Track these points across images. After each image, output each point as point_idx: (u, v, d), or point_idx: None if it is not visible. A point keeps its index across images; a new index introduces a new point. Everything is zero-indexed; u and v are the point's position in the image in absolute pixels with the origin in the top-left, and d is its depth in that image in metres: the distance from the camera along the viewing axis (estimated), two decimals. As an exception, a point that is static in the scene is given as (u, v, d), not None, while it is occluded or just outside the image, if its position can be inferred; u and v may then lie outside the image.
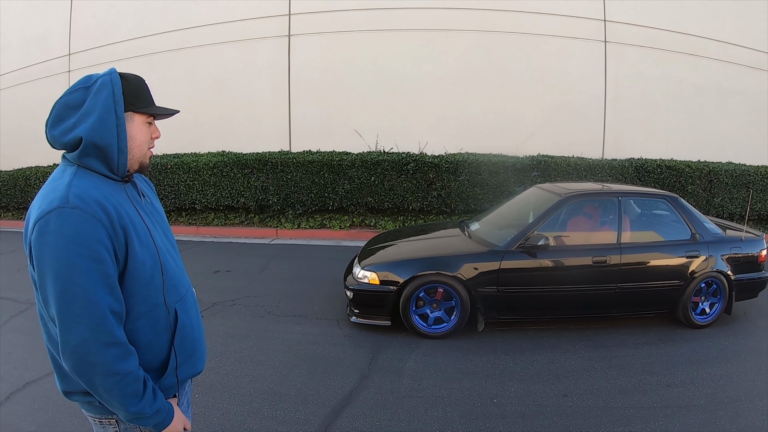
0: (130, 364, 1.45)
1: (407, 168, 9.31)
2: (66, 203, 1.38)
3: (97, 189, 1.46)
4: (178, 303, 1.65)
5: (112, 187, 1.53)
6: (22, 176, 11.35)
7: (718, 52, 10.97)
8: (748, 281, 5.28)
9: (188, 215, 10.09)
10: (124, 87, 1.51)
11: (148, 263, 1.54)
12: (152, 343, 1.58)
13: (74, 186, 1.43)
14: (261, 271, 7.00)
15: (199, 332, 1.76)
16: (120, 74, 1.53)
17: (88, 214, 1.38)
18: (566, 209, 5.19)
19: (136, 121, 1.56)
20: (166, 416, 1.57)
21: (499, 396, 3.79)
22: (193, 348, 1.70)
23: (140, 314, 1.53)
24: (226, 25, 11.12)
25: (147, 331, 1.55)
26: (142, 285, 1.52)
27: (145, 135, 1.61)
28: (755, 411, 3.61)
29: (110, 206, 1.45)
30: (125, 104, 1.51)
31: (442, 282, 4.73)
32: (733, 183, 9.65)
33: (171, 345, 1.62)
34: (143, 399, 1.48)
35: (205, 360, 1.83)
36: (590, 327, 5.11)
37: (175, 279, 1.66)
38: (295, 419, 3.44)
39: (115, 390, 1.43)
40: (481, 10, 10.62)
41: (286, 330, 4.93)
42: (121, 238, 1.46)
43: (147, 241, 1.56)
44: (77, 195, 1.40)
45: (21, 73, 12.35)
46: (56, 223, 1.36)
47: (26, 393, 3.73)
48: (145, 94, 1.58)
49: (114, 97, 1.48)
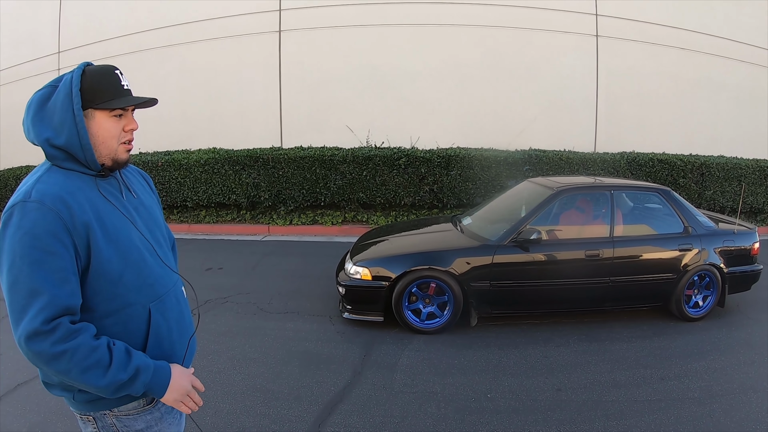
0: (78, 339, 1.38)
1: (399, 163, 9.27)
2: (28, 197, 1.39)
3: (64, 185, 1.45)
4: (154, 303, 1.59)
5: (85, 183, 1.51)
6: (13, 176, 11.22)
7: (710, 46, 11.00)
8: (740, 274, 5.28)
9: (180, 212, 10.03)
10: (83, 83, 1.48)
11: (114, 261, 1.49)
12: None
13: (41, 182, 1.44)
14: (253, 268, 6.97)
15: (181, 334, 1.69)
16: (84, 69, 1.51)
17: (46, 207, 1.38)
18: (558, 203, 5.18)
19: (97, 118, 1.51)
20: (156, 373, 1.51)
21: (493, 391, 3.78)
22: (170, 350, 1.63)
23: (107, 312, 1.50)
24: (217, 21, 11.04)
25: (116, 330, 1.51)
26: (108, 282, 1.48)
27: (110, 130, 1.54)
28: (749, 403, 3.61)
29: (73, 202, 1.43)
30: (83, 101, 1.47)
31: (434, 277, 4.71)
32: (725, 176, 9.68)
33: (144, 347, 1.56)
34: (111, 367, 1.41)
35: (191, 362, 1.76)
36: (583, 321, 5.11)
37: (152, 278, 1.60)
38: (288, 416, 3.42)
39: (72, 370, 1.37)
40: (472, 5, 10.60)
41: (278, 327, 4.91)
42: (82, 233, 1.43)
43: (117, 238, 1.51)
44: (40, 190, 1.41)
45: (12, 71, 12.20)
46: (17, 216, 1.38)
47: (18, 394, 3.69)
48: (108, 89, 1.52)
49: (71, 97, 1.46)
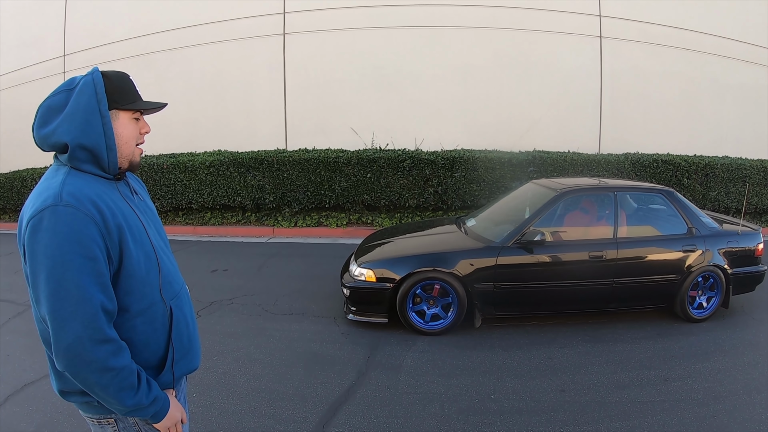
0: (124, 358, 1.45)
1: (403, 165, 9.28)
2: (60, 201, 1.38)
3: (90, 188, 1.47)
4: (173, 300, 1.66)
5: (105, 186, 1.53)
6: (18, 178, 11.27)
7: (714, 47, 10.97)
8: (745, 275, 5.27)
9: (185, 215, 10.07)
10: (107, 85, 1.51)
11: (143, 261, 1.54)
12: (150, 340, 1.58)
13: (68, 184, 1.43)
14: (258, 270, 6.99)
15: (194, 329, 1.78)
16: (102, 72, 1.53)
17: (81, 212, 1.39)
18: (562, 204, 5.19)
19: (122, 118, 1.56)
20: (163, 405, 1.57)
21: (497, 392, 3.79)
22: (189, 344, 1.71)
23: (138, 312, 1.54)
24: (222, 24, 11.10)
25: (145, 328, 1.56)
26: (138, 282, 1.53)
27: (132, 131, 1.60)
28: (753, 404, 3.61)
29: (103, 205, 1.45)
30: (109, 102, 1.51)
31: (438, 278, 4.72)
32: (729, 177, 9.64)
33: (168, 341, 1.63)
34: (139, 391, 1.48)
35: (200, 357, 1.83)
36: (587, 322, 5.12)
37: (170, 276, 1.67)
38: (293, 417, 3.44)
39: (111, 386, 1.43)
40: (477, 6, 10.61)
41: (283, 328, 4.93)
42: (114, 236, 1.46)
43: (142, 238, 1.56)
44: (71, 193, 1.41)
45: (17, 74, 12.27)
46: (50, 220, 1.36)
47: (25, 395, 3.72)
48: (130, 90, 1.58)
49: (97, 97, 1.48)
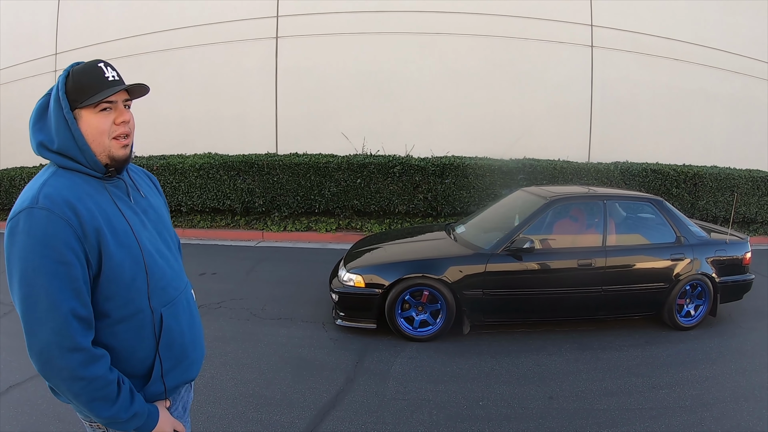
0: (97, 368, 1.40)
1: (394, 171, 9.29)
2: (35, 203, 1.37)
3: (71, 189, 1.43)
4: (166, 307, 1.58)
5: (92, 186, 1.49)
6: (7, 177, 11.14)
7: (704, 58, 11.09)
8: (732, 284, 5.31)
9: (174, 217, 9.97)
10: (67, 86, 1.47)
11: (127, 265, 1.48)
12: (135, 349, 1.53)
13: (48, 185, 1.41)
14: (247, 274, 6.95)
15: (192, 336, 1.70)
16: (69, 72, 1.49)
17: (55, 215, 1.36)
18: (552, 212, 5.21)
19: (84, 117, 1.48)
20: (148, 420, 1.52)
21: (485, 398, 3.79)
22: (182, 354, 1.64)
23: (120, 318, 1.49)
24: (215, 26, 11.07)
25: (129, 335, 1.51)
26: (120, 288, 1.47)
27: (99, 126, 1.49)
28: (740, 412, 3.63)
29: (82, 207, 1.41)
30: (70, 103, 1.46)
31: (427, 285, 4.72)
32: (717, 186, 9.73)
33: (156, 351, 1.56)
34: (117, 403, 1.44)
35: (201, 365, 1.78)
36: (576, 329, 5.13)
37: (164, 281, 1.60)
38: (281, 422, 3.42)
39: (82, 395, 1.40)
40: (470, 14, 10.65)
41: (271, 333, 4.90)
42: (92, 240, 1.42)
43: (128, 242, 1.50)
44: (47, 195, 1.38)
45: (9, 71, 12.20)
46: (25, 223, 1.35)
47: (10, 396, 3.67)
48: (91, 85, 1.47)
49: (60, 102, 1.45)
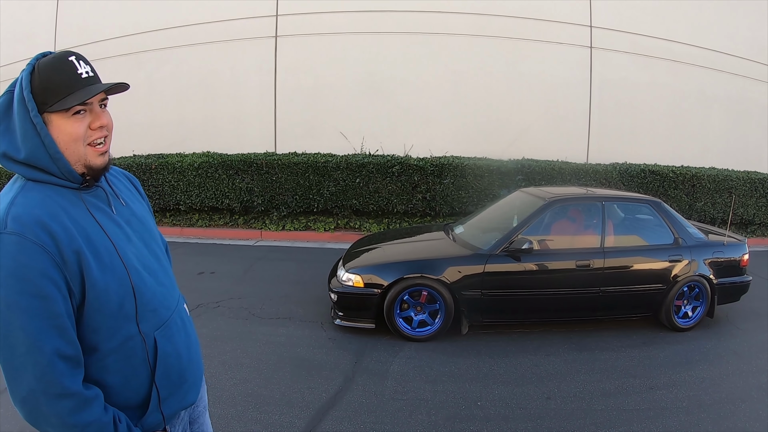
0: (90, 413, 1.25)
1: (392, 171, 9.28)
2: (3, 228, 1.18)
3: (44, 206, 1.24)
4: (159, 330, 1.42)
5: (67, 198, 1.30)
6: (7, 176, 11.10)
7: (702, 59, 11.11)
8: (730, 285, 5.33)
9: (172, 216, 9.98)
10: (32, 84, 1.26)
11: (113, 290, 1.30)
12: (129, 380, 1.38)
13: (16, 204, 1.23)
14: (245, 273, 6.95)
15: (190, 358, 1.55)
16: (34, 66, 1.28)
17: (28, 240, 1.18)
18: (550, 213, 5.21)
19: (55, 121, 1.28)
20: None
21: (483, 398, 3.79)
22: (180, 379, 1.49)
23: (109, 350, 1.32)
24: (214, 25, 11.04)
25: (120, 366, 1.35)
26: (107, 317, 1.30)
27: (72, 132, 1.30)
28: (738, 413, 3.64)
29: (58, 227, 1.23)
30: (38, 105, 1.25)
31: (426, 285, 4.72)
32: (715, 188, 9.76)
33: (152, 380, 1.41)
34: None
35: (200, 387, 1.65)
36: (574, 330, 5.14)
37: (155, 302, 1.42)
38: (280, 422, 3.41)
39: None
40: (468, 14, 10.66)
41: (270, 332, 4.90)
42: (72, 265, 1.23)
43: (112, 262, 1.31)
44: (16, 217, 1.20)
45: (7, 69, 12.12)
46: None
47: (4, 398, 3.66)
48: (61, 83, 1.27)
49: (25, 103, 1.25)
